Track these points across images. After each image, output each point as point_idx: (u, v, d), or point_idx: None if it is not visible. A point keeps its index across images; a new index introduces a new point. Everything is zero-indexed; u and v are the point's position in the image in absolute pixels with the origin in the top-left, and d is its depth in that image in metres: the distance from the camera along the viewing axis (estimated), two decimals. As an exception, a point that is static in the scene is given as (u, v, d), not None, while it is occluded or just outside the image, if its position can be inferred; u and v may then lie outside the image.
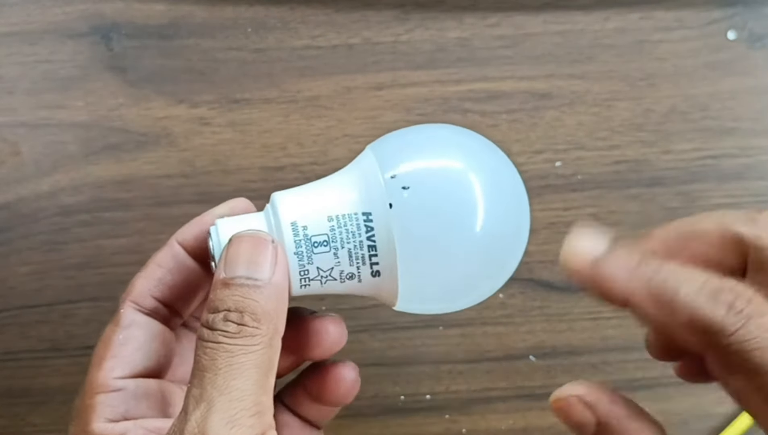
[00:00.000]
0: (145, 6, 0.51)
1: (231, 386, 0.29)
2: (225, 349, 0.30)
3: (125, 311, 0.35)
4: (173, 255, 0.35)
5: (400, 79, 0.51)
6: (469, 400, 0.50)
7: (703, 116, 0.51)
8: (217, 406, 0.29)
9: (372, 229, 0.32)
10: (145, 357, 0.35)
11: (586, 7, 0.51)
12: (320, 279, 0.33)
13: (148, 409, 0.34)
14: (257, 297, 0.31)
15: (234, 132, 0.50)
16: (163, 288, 0.35)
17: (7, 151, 0.50)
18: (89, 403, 0.33)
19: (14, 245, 0.50)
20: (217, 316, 0.30)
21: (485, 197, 0.33)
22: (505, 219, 0.34)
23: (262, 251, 0.31)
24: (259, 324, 0.30)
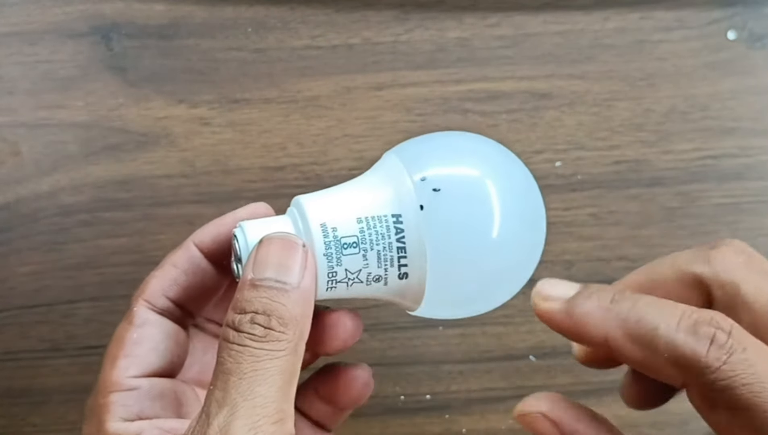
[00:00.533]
0: (145, 6, 0.51)
1: (255, 392, 0.29)
2: (251, 353, 0.29)
3: (138, 310, 0.34)
4: (189, 256, 0.35)
5: (400, 79, 0.51)
6: (469, 400, 0.50)
7: (703, 116, 0.51)
8: (241, 412, 0.29)
9: (402, 232, 0.32)
10: (159, 356, 0.34)
11: (586, 7, 0.51)
12: (347, 281, 0.33)
13: (162, 409, 0.34)
14: (285, 301, 0.30)
15: (234, 132, 0.50)
16: (177, 289, 0.35)
17: (7, 151, 0.50)
18: (103, 402, 0.33)
19: (14, 245, 0.50)
20: (244, 318, 0.30)
21: (505, 203, 0.33)
22: (525, 225, 0.34)
23: (293, 254, 0.31)
24: (286, 329, 0.30)
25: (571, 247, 0.50)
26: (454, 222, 0.32)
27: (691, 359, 0.27)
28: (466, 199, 0.33)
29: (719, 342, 0.26)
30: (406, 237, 0.32)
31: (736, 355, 0.26)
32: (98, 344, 0.49)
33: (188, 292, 0.35)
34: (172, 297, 0.35)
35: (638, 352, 0.28)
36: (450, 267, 0.33)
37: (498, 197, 0.33)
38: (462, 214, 0.32)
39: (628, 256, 0.50)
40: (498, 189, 0.33)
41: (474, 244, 0.33)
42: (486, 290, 0.34)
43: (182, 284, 0.35)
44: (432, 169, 0.33)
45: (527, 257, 0.35)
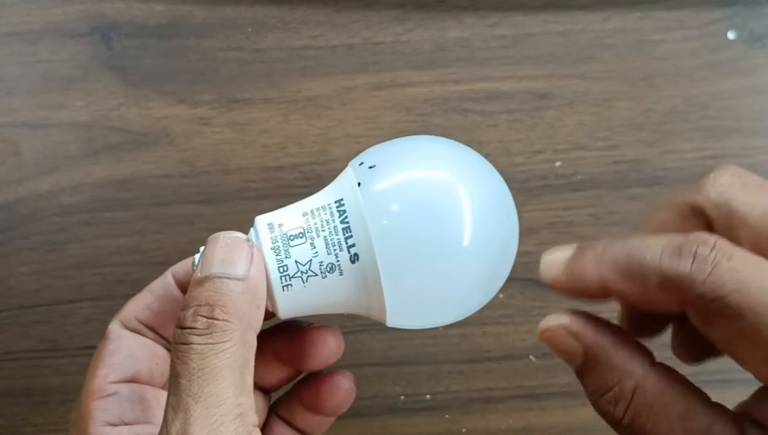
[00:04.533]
0: (145, 6, 0.51)
1: (206, 392, 0.29)
2: (195, 350, 0.29)
3: (113, 327, 0.36)
4: (164, 284, 0.36)
5: (400, 79, 0.51)
6: (469, 400, 0.50)
7: (703, 116, 0.51)
8: (195, 415, 0.28)
9: (345, 212, 0.32)
10: (136, 362, 0.35)
11: (586, 7, 0.51)
12: (301, 275, 0.32)
13: (142, 412, 0.34)
14: (228, 291, 0.30)
15: (234, 132, 0.50)
16: (149, 313, 0.36)
17: (7, 151, 0.50)
18: (85, 410, 0.34)
19: (14, 245, 0.50)
20: (188, 313, 0.30)
21: (469, 207, 0.33)
22: (491, 230, 0.33)
23: (237, 249, 0.31)
24: (230, 317, 0.30)
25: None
26: (407, 223, 0.32)
27: (677, 277, 0.27)
28: (415, 196, 0.33)
29: (702, 256, 0.27)
30: (348, 215, 0.32)
31: (721, 265, 0.26)
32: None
33: (159, 316, 0.36)
34: (143, 320, 0.36)
35: (632, 287, 0.28)
36: (405, 262, 0.32)
37: (460, 202, 0.33)
38: (413, 213, 0.32)
39: (628, 256, 0.50)
40: (461, 192, 0.33)
41: (429, 244, 0.32)
42: (451, 295, 0.34)
43: (154, 310, 0.36)
44: (375, 157, 0.34)
45: (495, 255, 0.34)
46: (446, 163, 0.34)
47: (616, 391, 0.28)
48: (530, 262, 0.50)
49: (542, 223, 0.50)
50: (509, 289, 0.50)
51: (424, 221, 0.32)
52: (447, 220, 0.32)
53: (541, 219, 0.50)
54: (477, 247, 0.33)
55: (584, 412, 0.50)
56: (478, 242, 0.33)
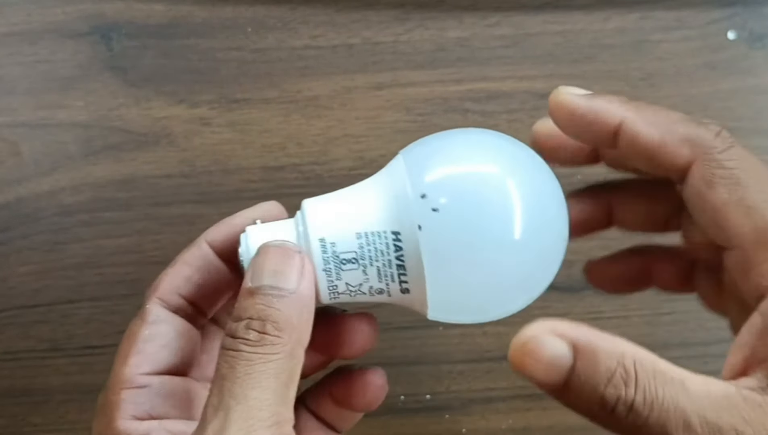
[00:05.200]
0: (145, 6, 0.51)
1: (248, 396, 0.29)
2: (244, 357, 0.30)
3: (151, 307, 0.34)
4: (202, 254, 0.35)
5: (400, 79, 0.51)
6: (469, 400, 0.50)
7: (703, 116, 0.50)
8: (234, 417, 0.29)
9: (401, 249, 0.32)
10: (171, 354, 0.34)
11: (586, 7, 0.51)
12: (349, 293, 0.33)
13: (172, 407, 0.34)
14: (280, 306, 0.30)
15: (234, 132, 0.50)
16: (190, 286, 0.35)
17: (7, 151, 0.50)
18: (114, 398, 0.33)
19: (14, 245, 0.50)
20: (240, 324, 0.30)
21: (522, 207, 0.32)
22: (543, 229, 0.33)
23: (289, 261, 0.31)
24: (281, 333, 0.30)
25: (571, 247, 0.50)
26: (457, 235, 0.31)
27: (703, 139, 0.31)
28: (471, 209, 0.32)
29: (725, 135, 0.31)
30: (405, 255, 0.32)
31: (736, 148, 0.31)
32: (98, 344, 0.49)
33: (201, 290, 0.35)
34: (185, 295, 0.35)
35: (654, 133, 0.31)
36: (454, 279, 0.32)
37: (512, 202, 0.32)
38: (466, 225, 0.31)
39: (628, 256, 0.50)
40: (515, 192, 0.32)
41: (481, 254, 0.32)
42: (498, 298, 0.34)
43: (195, 282, 0.35)
44: (436, 179, 0.32)
45: (544, 262, 0.33)
46: (509, 181, 0.32)
47: (621, 371, 0.28)
48: (530, 262, 0.50)
49: (542, 223, 0.50)
50: (509, 289, 0.50)
51: (479, 275, 0.32)
52: (498, 230, 0.32)
53: (541, 219, 0.50)
54: (526, 245, 0.32)
55: (584, 412, 0.50)
56: (527, 240, 0.32)
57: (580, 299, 0.50)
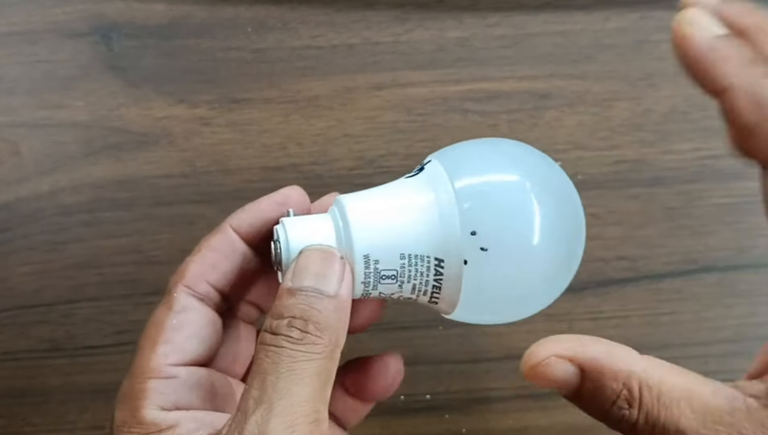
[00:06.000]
0: (145, 6, 0.51)
1: (292, 391, 0.29)
2: (287, 353, 0.30)
3: (179, 295, 0.34)
4: (228, 240, 0.35)
5: (400, 79, 0.51)
6: (469, 400, 0.50)
7: (703, 116, 0.51)
8: (278, 410, 0.29)
9: (441, 275, 0.33)
10: (198, 344, 0.34)
11: (586, 7, 0.51)
12: (379, 297, 0.34)
13: (198, 399, 0.33)
14: (322, 308, 0.31)
15: (234, 132, 0.50)
16: (217, 274, 0.35)
17: (7, 151, 0.50)
18: (140, 387, 0.33)
19: (14, 245, 0.50)
20: (282, 322, 0.31)
21: (552, 227, 0.33)
22: (566, 239, 0.34)
23: (331, 266, 0.32)
24: (322, 334, 0.31)
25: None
26: (503, 267, 0.32)
27: None
28: (517, 250, 0.32)
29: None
30: (444, 282, 0.33)
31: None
32: (98, 344, 0.49)
33: (228, 276, 0.35)
34: (213, 282, 0.34)
35: (756, 112, 0.30)
36: (487, 300, 0.33)
37: (541, 212, 0.33)
38: (511, 263, 0.32)
39: (628, 256, 0.50)
40: (542, 203, 0.33)
41: (518, 285, 0.33)
42: (521, 304, 0.35)
43: (222, 269, 0.35)
44: (488, 216, 0.32)
45: (564, 274, 0.34)
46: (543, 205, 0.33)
47: (626, 392, 0.29)
48: (530, 262, 0.50)
49: (542, 223, 0.50)
50: (509, 289, 0.50)
51: (510, 297, 0.33)
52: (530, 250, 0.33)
53: (541, 219, 0.50)
54: (546, 256, 0.33)
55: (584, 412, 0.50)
56: (553, 257, 0.33)
57: (580, 299, 0.50)
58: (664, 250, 0.50)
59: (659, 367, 0.29)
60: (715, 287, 0.50)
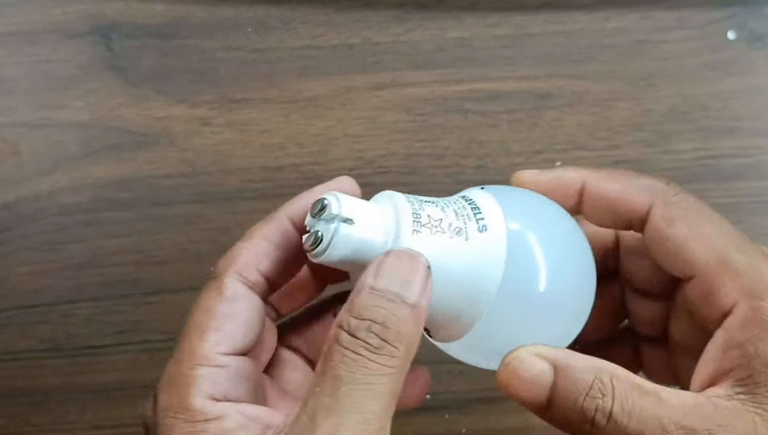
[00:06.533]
0: (145, 6, 0.51)
1: (366, 406, 0.29)
2: (364, 364, 0.29)
3: (230, 282, 0.33)
4: (282, 230, 0.34)
5: (400, 79, 0.51)
6: (469, 400, 0.50)
7: (703, 116, 0.51)
8: (349, 424, 0.28)
9: (477, 206, 0.33)
10: (248, 335, 0.33)
11: (586, 7, 0.51)
12: (431, 227, 0.32)
13: (245, 391, 0.32)
14: (403, 316, 0.30)
15: (234, 132, 0.50)
16: (269, 263, 0.34)
17: (7, 151, 0.50)
18: (189, 373, 0.31)
19: (14, 245, 0.50)
20: (361, 324, 0.30)
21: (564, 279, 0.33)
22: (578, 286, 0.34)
23: (417, 273, 0.31)
24: (399, 345, 0.30)
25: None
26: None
27: (657, 186, 0.34)
28: (526, 257, 0.33)
29: (673, 184, 0.35)
30: (482, 210, 0.33)
31: (684, 193, 0.35)
32: (98, 344, 0.49)
33: (278, 266, 0.34)
34: (264, 271, 0.34)
35: (615, 185, 0.34)
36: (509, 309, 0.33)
37: (556, 259, 0.33)
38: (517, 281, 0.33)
39: (628, 256, 0.50)
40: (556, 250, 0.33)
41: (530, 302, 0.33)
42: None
43: (273, 258, 0.34)
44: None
45: (576, 316, 0.35)
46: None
47: (599, 384, 0.30)
48: (530, 262, 0.50)
49: (542, 223, 0.50)
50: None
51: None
52: None
53: (541, 219, 0.50)
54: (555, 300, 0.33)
55: (584, 412, 0.50)
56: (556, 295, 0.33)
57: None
58: (664, 250, 0.50)
59: (626, 370, 0.31)
60: (715, 287, 0.50)
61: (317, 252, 0.31)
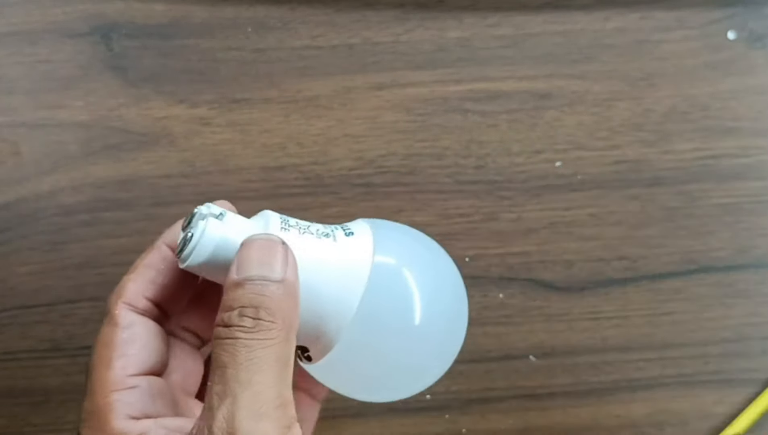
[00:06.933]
0: (145, 6, 0.51)
1: (254, 380, 0.30)
2: (243, 344, 0.30)
3: (121, 312, 0.35)
4: (162, 256, 0.35)
5: (400, 79, 0.51)
6: (469, 400, 0.50)
7: (703, 116, 0.51)
8: (243, 401, 0.29)
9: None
10: (151, 354, 0.35)
11: (586, 7, 0.51)
12: (299, 228, 0.33)
13: (163, 407, 0.34)
14: (270, 293, 0.31)
15: (234, 132, 0.50)
16: (155, 289, 0.35)
17: (7, 151, 0.50)
18: (105, 402, 0.33)
19: (14, 245, 0.50)
20: (233, 313, 0.31)
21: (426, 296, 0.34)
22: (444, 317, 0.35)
23: (273, 252, 0.32)
24: (275, 318, 0.31)
25: (571, 247, 0.50)
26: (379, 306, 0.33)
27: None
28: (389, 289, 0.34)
29: None
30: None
31: None
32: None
33: (165, 291, 0.35)
34: (151, 297, 0.35)
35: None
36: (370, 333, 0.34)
37: (419, 290, 0.34)
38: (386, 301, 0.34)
39: (628, 256, 0.50)
40: (419, 281, 0.34)
41: (394, 328, 0.34)
42: (396, 375, 0.36)
43: (159, 284, 0.35)
44: None
45: (444, 348, 0.36)
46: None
47: None
48: (530, 262, 0.50)
49: (542, 223, 0.50)
50: (509, 289, 0.50)
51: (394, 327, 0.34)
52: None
53: (541, 219, 0.50)
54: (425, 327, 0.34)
55: (584, 412, 0.50)
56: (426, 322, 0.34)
57: (580, 299, 0.50)
58: (664, 250, 0.50)
59: None
60: (715, 287, 0.50)
61: (186, 253, 0.33)
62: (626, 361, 0.50)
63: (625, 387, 0.49)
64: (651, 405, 0.50)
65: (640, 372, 0.50)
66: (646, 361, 0.50)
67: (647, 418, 0.49)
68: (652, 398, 0.49)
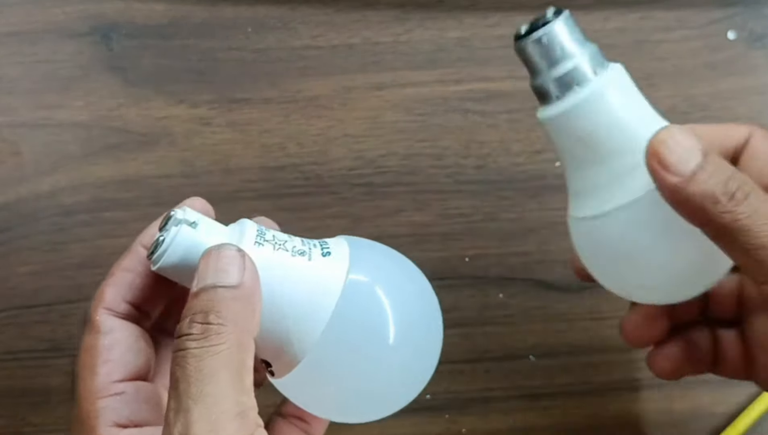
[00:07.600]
0: (145, 6, 0.51)
1: (205, 392, 0.29)
2: (192, 354, 0.29)
3: (101, 318, 0.34)
4: (140, 259, 0.35)
5: (400, 79, 0.51)
6: (469, 400, 0.50)
7: (703, 116, 0.51)
8: (195, 416, 0.28)
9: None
10: (136, 358, 0.34)
11: (586, 7, 0.51)
12: (274, 243, 0.33)
13: (149, 413, 0.34)
14: (222, 298, 0.31)
15: (234, 132, 0.50)
16: (134, 292, 0.35)
17: (7, 151, 0.50)
18: (91, 409, 0.33)
19: (14, 245, 0.50)
20: (184, 323, 0.30)
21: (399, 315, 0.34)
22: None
23: (229, 259, 0.31)
24: (225, 321, 0.30)
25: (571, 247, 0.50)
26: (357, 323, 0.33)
27: None
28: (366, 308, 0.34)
29: None
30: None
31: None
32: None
33: (144, 293, 0.35)
34: (131, 300, 0.35)
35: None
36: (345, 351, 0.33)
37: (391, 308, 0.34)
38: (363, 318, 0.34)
39: (628, 256, 0.50)
40: (391, 299, 0.34)
41: (371, 346, 0.34)
42: (374, 393, 0.36)
43: (138, 287, 0.35)
44: None
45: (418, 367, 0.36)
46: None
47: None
48: (530, 262, 0.50)
49: (542, 223, 0.50)
50: (509, 289, 0.50)
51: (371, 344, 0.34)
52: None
53: (541, 219, 0.50)
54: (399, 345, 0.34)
55: (584, 412, 0.50)
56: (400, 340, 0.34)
57: (580, 299, 0.50)
58: (664, 250, 0.50)
59: None
60: (715, 287, 0.50)
61: (157, 256, 0.33)
62: (626, 361, 0.50)
63: (625, 387, 0.49)
64: (651, 405, 0.50)
65: (640, 372, 0.50)
66: (646, 361, 0.50)
67: (647, 418, 0.49)
68: (652, 398, 0.49)
